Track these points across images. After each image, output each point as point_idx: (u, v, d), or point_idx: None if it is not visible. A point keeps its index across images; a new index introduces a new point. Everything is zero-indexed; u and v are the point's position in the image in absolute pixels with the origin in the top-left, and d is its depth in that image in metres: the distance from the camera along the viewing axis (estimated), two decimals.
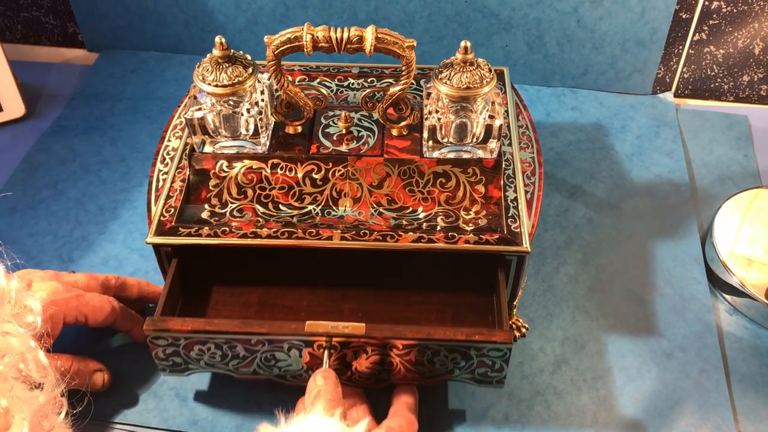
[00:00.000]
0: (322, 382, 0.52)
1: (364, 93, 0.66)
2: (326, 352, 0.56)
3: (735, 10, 0.82)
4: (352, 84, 0.74)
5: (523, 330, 0.66)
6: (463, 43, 0.61)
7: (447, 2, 0.86)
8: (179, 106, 0.73)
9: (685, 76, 0.89)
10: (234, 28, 0.92)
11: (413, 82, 0.73)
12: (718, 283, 0.70)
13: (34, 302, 0.49)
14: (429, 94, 0.64)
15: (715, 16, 0.83)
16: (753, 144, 0.85)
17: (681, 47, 0.86)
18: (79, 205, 0.77)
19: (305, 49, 0.60)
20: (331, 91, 0.73)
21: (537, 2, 0.84)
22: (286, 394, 0.59)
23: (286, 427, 0.47)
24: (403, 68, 0.62)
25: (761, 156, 0.83)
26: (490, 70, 0.62)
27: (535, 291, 0.69)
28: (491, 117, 0.62)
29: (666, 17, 0.83)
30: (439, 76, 0.62)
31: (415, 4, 0.87)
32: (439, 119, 0.63)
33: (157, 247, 0.61)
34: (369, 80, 0.74)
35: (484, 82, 0.61)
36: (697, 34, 0.85)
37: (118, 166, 0.82)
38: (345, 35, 0.60)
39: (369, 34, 0.60)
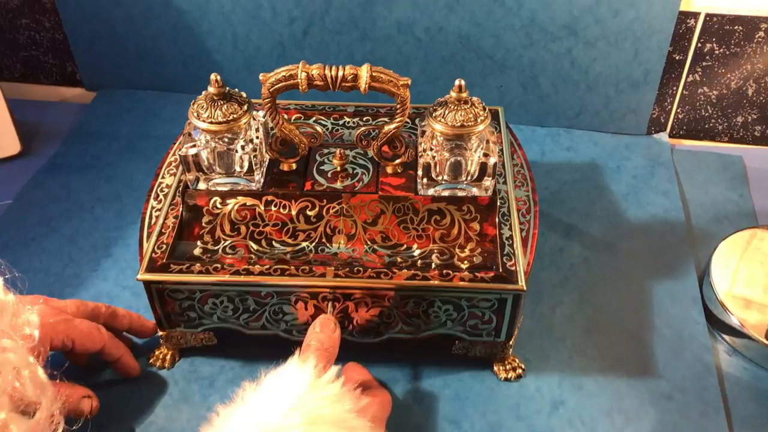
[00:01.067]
0: (318, 330, 0.56)
1: (359, 131, 0.66)
2: (330, 305, 0.60)
3: (727, 52, 0.83)
4: (348, 122, 0.74)
5: (519, 370, 0.65)
6: (457, 82, 0.61)
7: (442, 44, 0.87)
8: (174, 144, 0.73)
9: (680, 116, 0.89)
10: (231, 68, 0.93)
11: (408, 120, 0.73)
12: (716, 324, 0.69)
13: (31, 315, 0.48)
14: (423, 132, 0.64)
15: (708, 57, 0.83)
16: (748, 184, 0.85)
17: (675, 88, 0.87)
18: (72, 243, 0.77)
19: (300, 87, 0.60)
20: (327, 129, 0.73)
21: (531, 44, 0.85)
22: None
23: (265, 379, 0.50)
24: (398, 106, 0.62)
25: (757, 196, 0.83)
26: (484, 109, 0.62)
27: (531, 331, 0.68)
28: (485, 155, 0.62)
29: (659, 58, 0.84)
30: (434, 114, 0.62)
31: (411, 46, 0.88)
32: (433, 157, 0.63)
33: (148, 284, 0.60)
34: (364, 119, 0.74)
35: (479, 120, 0.61)
36: (690, 75, 0.85)
37: (112, 203, 0.82)
38: (340, 73, 0.60)
39: (364, 72, 0.60)
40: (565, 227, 0.79)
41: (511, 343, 0.63)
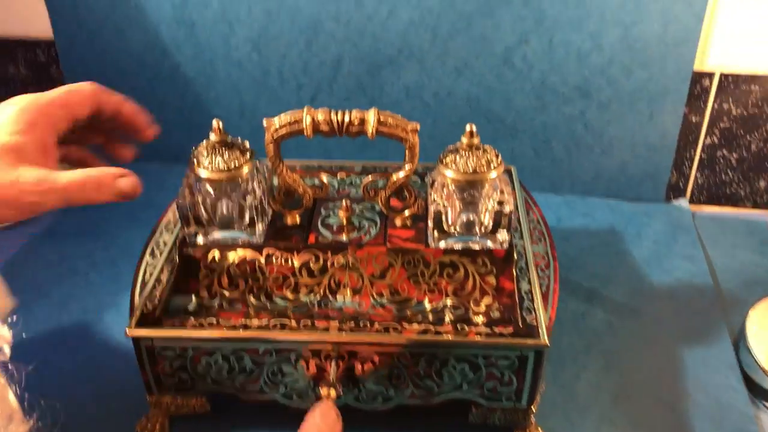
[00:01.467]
0: (318, 420, 0.50)
1: (366, 180, 0.63)
2: (333, 363, 0.55)
3: (746, 113, 0.80)
4: (355, 180, 0.71)
5: None
6: (468, 127, 0.58)
7: (451, 108, 0.85)
8: (173, 202, 0.71)
9: (699, 181, 0.86)
10: (239, 136, 0.91)
11: (417, 178, 0.70)
12: (758, 392, 0.63)
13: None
14: (433, 183, 0.61)
15: (725, 118, 0.81)
16: None
17: (693, 151, 0.84)
18: (62, 307, 0.73)
19: (305, 132, 0.58)
20: (333, 187, 0.70)
21: (542, 106, 0.83)
22: None
23: None
24: (407, 153, 0.60)
25: None
26: (497, 156, 0.59)
27: (555, 399, 0.63)
28: (500, 203, 0.59)
29: (675, 120, 0.81)
30: (444, 161, 0.59)
31: (420, 111, 0.86)
32: (444, 206, 0.60)
33: (137, 341, 0.55)
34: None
35: (492, 166, 0.58)
36: (708, 138, 0.83)
37: (107, 269, 0.78)
38: (346, 118, 0.58)
39: (371, 116, 0.57)
40: (586, 292, 0.74)
41: (533, 409, 0.58)
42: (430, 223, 0.60)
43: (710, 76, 0.79)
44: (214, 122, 0.59)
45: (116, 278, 0.77)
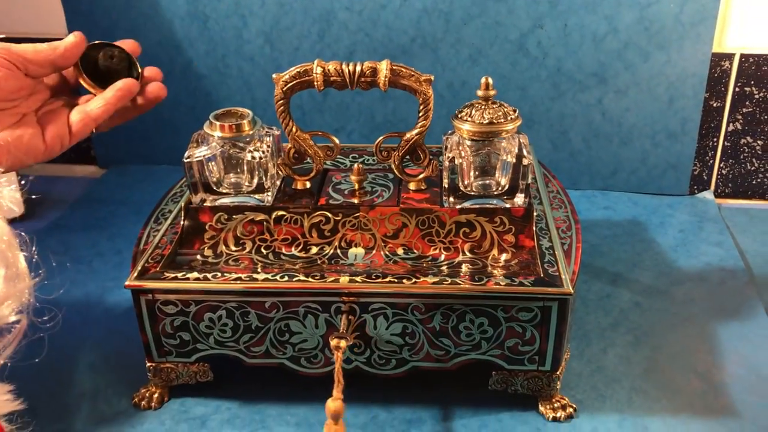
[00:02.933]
0: None
1: (378, 141, 0.61)
2: (344, 318, 0.51)
3: None
4: (367, 160, 0.69)
5: (570, 410, 0.54)
6: (483, 79, 0.56)
7: (465, 99, 0.83)
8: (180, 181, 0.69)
9: (723, 171, 0.83)
10: None
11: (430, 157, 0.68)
12: None
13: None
14: (447, 147, 0.59)
15: (748, 102, 0.79)
16: None
17: (715, 139, 0.82)
18: (63, 292, 0.70)
19: (316, 84, 0.56)
20: (345, 165, 0.68)
21: (559, 95, 0.81)
22: None
23: None
24: (420, 107, 0.58)
25: None
26: (514, 110, 0.57)
27: (581, 372, 0.58)
28: (519, 157, 0.56)
29: (696, 105, 0.79)
30: (460, 115, 0.57)
31: (433, 103, 0.85)
32: (460, 163, 0.57)
33: (136, 295, 0.53)
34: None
35: (509, 118, 0.56)
36: (731, 124, 0.81)
37: (111, 257, 0.76)
38: (358, 68, 0.56)
39: (383, 66, 0.56)
40: (611, 276, 0.71)
41: (558, 373, 0.54)
42: (445, 183, 0.58)
43: (730, 57, 0.77)
44: None
45: (120, 265, 0.75)
